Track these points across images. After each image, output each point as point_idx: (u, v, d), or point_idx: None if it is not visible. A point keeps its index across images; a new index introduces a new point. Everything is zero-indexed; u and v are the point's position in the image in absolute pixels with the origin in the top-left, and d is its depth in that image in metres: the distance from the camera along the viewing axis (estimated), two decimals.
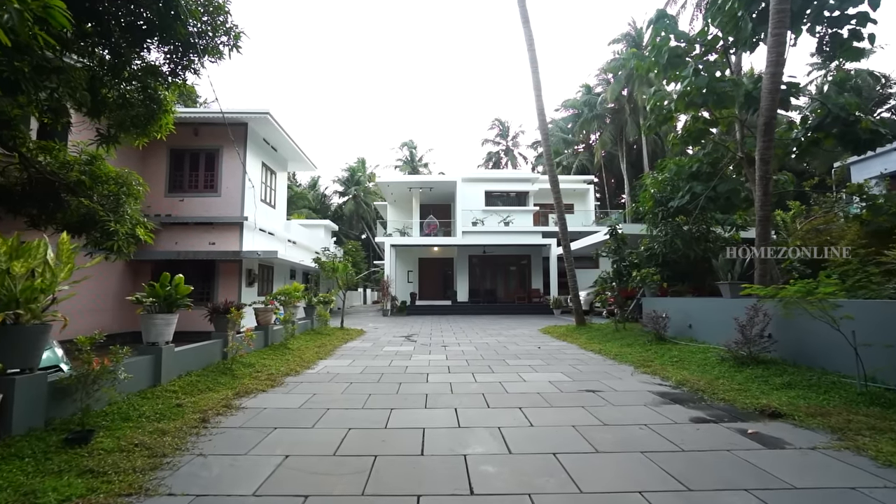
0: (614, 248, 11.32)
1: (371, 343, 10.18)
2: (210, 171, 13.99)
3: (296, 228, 19.16)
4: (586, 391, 5.25)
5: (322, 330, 11.40)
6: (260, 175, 15.28)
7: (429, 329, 13.81)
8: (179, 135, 14.18)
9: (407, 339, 10.93)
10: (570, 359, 7.74)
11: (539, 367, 6.97)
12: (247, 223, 13.82)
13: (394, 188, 26.08)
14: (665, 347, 7.93)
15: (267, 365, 6.67)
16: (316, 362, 7.40)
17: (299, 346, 8.68)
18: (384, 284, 21.53)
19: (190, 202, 13.84)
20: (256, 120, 13.83)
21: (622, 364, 7.08)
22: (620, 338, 9.85)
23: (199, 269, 13.77)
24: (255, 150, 14.83)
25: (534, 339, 10.74)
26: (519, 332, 12.86)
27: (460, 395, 5.11)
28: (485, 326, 14.58)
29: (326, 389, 5.40)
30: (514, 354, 8.32)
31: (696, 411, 4.33)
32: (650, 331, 8.82)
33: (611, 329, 11.30)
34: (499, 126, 51.63)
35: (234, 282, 13.70)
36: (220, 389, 5.10)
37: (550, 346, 9.45)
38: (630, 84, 28.72)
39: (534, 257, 25.01)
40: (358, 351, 8.89)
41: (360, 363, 7.41)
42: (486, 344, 9.96)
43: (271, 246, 15.57)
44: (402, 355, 8.27)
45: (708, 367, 6.16)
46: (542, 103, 11.91)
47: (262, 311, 8.21)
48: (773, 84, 6.94)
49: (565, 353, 8.52)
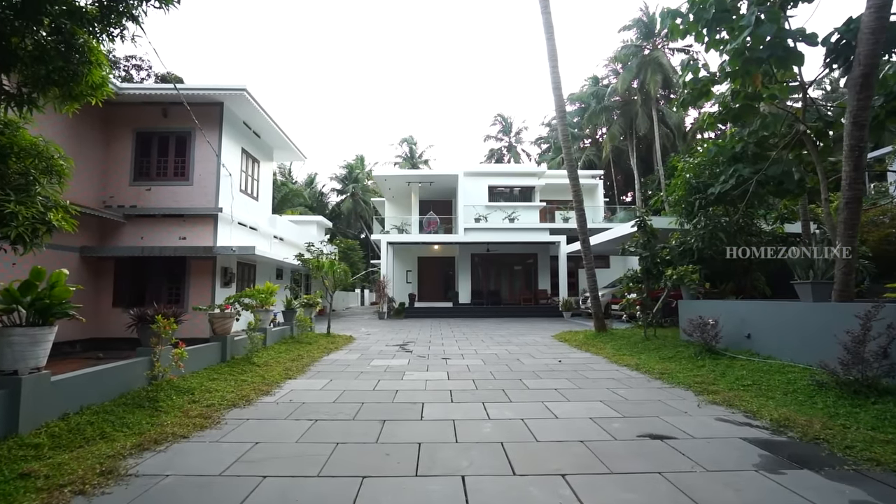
0: (644, 242, 9.73)
1: (358, 354, 8.58)
2: (181, 157, 12.41)
3: (283, 224, 17.57)
4: (648, 436, 3.66)
5: (303, 338, 9.81)
6: (239, 162, 13.71)
7: (427, 335, 12.23)
8: (147, 115, 12.70)
9: (401, 349, 9.35)
10: (603, 378, 6.14)
11: (568, 391, 5.37)
12: (222, 215, 12.23)
13: (392, 183, 24.51)
14: (722, 364, 6.33)
15: (212, 390, 5.08)
16: (282, 383, 5.81)
17: (267, 361, 7.09)
18: (380, 285, 19.95)
19: (158, 191, 12.26)
20: (233, 98, 12.26)
21: (675, 387, 5.48)
22: (655, 348, 8.25)
23: (169, 267, 12.20)
24: (234, 135, 13.26)
25: (550, 349, 9.15)
26: (530, 338, 11.27)
27: (469, 445, 3.52)
28: (490, 332, 12.99)
29: (277, 434, 3.80)
30: (531, 371, 6.72)
31: (846, 485, 2.73)
32: (695, 341, 7.22)
33: (639, 337, 9.70)
34: (501, 122, 50.10)
35: (208, 282, 12.12)
36: (118, 437, 3.50)
37: (573, 359, 7.85)
38: (642, 73, 27.14)
39: (540, 256, 23.43)
40: (340, 366, 7.29)
41: (338, 384, 5.81)
42: (494, 355, 8.37)
43: (253, 242, 14.00)
44: (394, 372, 6.68)
45: (802, 397, 4.55)
46: (559, 76, 10.35)
47: (218, 317, 6.62)
48: (878, 21, 5.36)
49: (594, 368, 6.92)
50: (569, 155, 10.87)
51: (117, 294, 11.97)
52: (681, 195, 10.42)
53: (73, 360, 9.99)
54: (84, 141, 11.60)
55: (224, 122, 12.58)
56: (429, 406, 4.70)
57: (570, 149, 10.89)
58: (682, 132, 32.40)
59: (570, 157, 10.89)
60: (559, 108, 10.55)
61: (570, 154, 10.87)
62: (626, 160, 34.37)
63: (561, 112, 10.56)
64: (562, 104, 10.51)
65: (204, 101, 12.31)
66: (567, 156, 10.91)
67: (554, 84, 10.33)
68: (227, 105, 12.60)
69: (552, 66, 10.18)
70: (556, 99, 10.50)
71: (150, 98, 12.04)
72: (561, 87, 10.34)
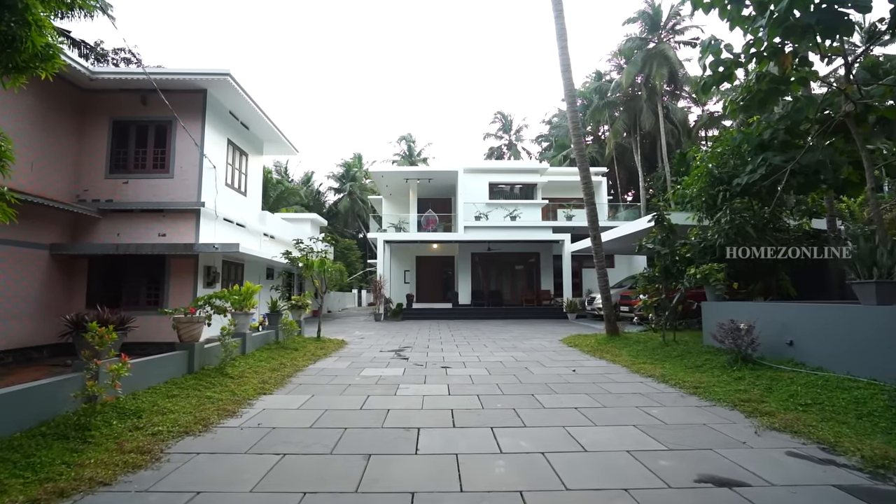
0: (662, 238, 8.89)
1: (348, 362, 7.73)
2: (161, 148, 11.54)
3: (274, 221, 16.69)
4: (710, 482, 2.81)
5: (289, 343, 8.96)
6: (225, 155, 12.85)
7: (426, 338, 11.38)
8: (124, 103, 11.82)
9: (397, 356, 8.50)
10: (628, 393, 5.30)
11: (592, 411, 4.53)
12: (204, 210, 11.37)
13: (389, 180, 23.67)
14: (764, 376, 5.49)
15: (166, 411, 4.23)
16: (254, 400, 4.95)
17: (243, 371, 6.24)
18: (376, 285, 19.09)
19: (136, 185, 11.39)
20: (216, 85, 11.39)
21: (716, 405, 4.64)
22: (678, 356, 7.42)
23: (148, 266, 11.33)
24: (219, 125, 12.40)
25: (560, 356, 8.31)
26: (536, 343, 10.43)
27: (479, 497, 2.67)
28: (493, 335, 12.15)
29: (229, 476, 2.95)
30: (543, 384, 5.88)
31: None
32: (727, 348, 6.39)
33: (656, 342, 8.87)
34: (501, 119, 49.33)
35: (189, 282, 11.26)
36: (12, 487, 2.64)
37: (588, 368, 7.00)
38: (647, 66, 26.31)
39: (543, 255, 22.60)
40: (325, 376, 6.44)
41: (320, 401, 4.96)
42: (499, 363, 7.53)
43: (240, 240, 13.14)
44: (386, 385, 5.83)
45: (885, 422, 3.71)
46: (568, 57, 9.50)
47: (183, 322, 5.76)
48: None
49: (614, 380, 6.08)
50: (579, 144, 10.03)
51: (91, 295, 11.09)
52: (700, 187, 9.59)
53: (37, 367, 9.13)
54: (55, 130, 10.73)
55: (208, 110, 11.71)
56: (426, 433, 3.85)
57: (580, 137, 10.05)
58: (688, 128, 31.62)
59: (581, 147, 10.04)
60: (568, 93, 9.71)
61: (580, 143, 10.02)
62: (629, 157, 33.57)
63: (570, 97, 9.73)
64: (571, 88, 9.67)
65: (185, 88, 11.44)
66: (577, 145, 10.06)
67: (563, 66, 9.49)
68: (210, 92, 11.74)
69: (561, 47, 9.33)
70: (566, 82, 9.66)
71: (127, 84, 11.18)
72: (570, 69, 9.50)
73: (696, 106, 34.64)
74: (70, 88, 11.09)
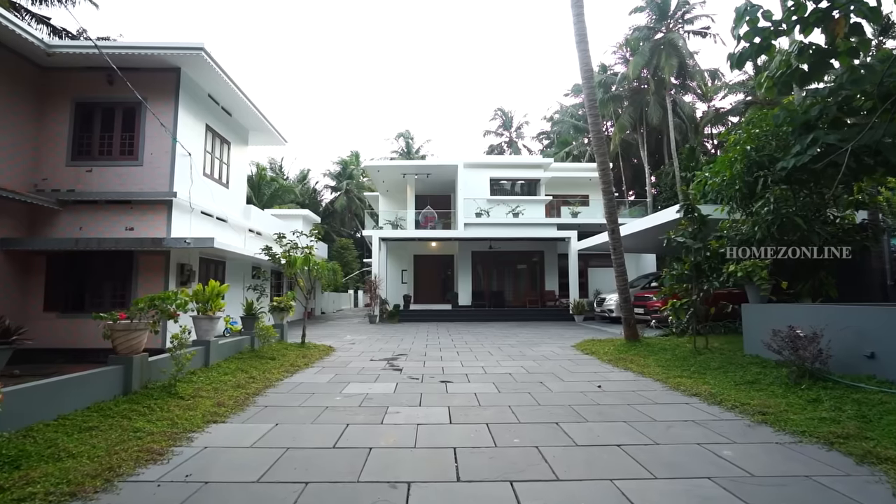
0: (693, 231, 7.77)
1: (331, 375, 6.59)
2: (129, 132, 10.39)
3: (261, 217, 15.53)
4: None
5: (266, 351, 7.81)
6: (204, 142, 11.70)
7: (423, 344, 10.26)
8: (88, 82, 10.60)
9: (389, 365, 7.37)
10: (677, 420, 4.18)
11: (640, 450, 3.40)
12: (177, 201, 10.23)
13: (386, 175, 22.56)
14: (848, 398, 4.36)
15: (64, 455, 3.09)
16: (198, 433, 3.82)
17: (199, 389, 5.10)
18: (371, 285, 17.97)
19: (101, 173, 10.24)
20: (190, 62, 10.24)
21: (802, 441, 3.51)
22: (719, 368, 6.30)
23: (114, 264, 10.17)
24: (196, 108, 11.26)
25: (578, 366, 7.18)
26: (546, 349, 9.32)
27: None
28: (497, 340, 11.03)
29: None
30: (567, 405, 4.75)
31: None
32: (787, 360, 5.27)
33: (685, 349, 7.77)
34: (501, 116, 48.26)
35: (160, 281, 10.11)
36: None
37: (615, 383, 5.88)
38: (655, 57, 25.22)
39: (547, 254, 21.48)
40: (299, 396, 5.30)
41: (283, 435, 3.83)
42: (508, 376, 6.40)
43: (222, 235, 12.00)
44: (372, 408, 4.69)
45: None
46: (585, 27, 8.36)
47: (118, 331, 4.62)
48: None
49: (652, 399, 4.96)
50: (596, 125, 8.87)
51: (50, 296, 9.95)
52: (731, 175, 8.47)
53: None
54: (10, 112, 9.59)
55: (182, 91, 10.57)
56: (419, 491, 2.72)
57: (597, 118, 8.90)
58: (695, 124, 30.58)
59: (598, 129, 8.89)
60: (585, 67, 8.57)
61: (597, 125, 8.86)
62: (634, 153, 32.49)
63: (587, 72, 8.59)
64: (588, 62, 8.53)
65: (156, 66, 10.31)
66: (594, 127, 8.91)
67: (578, 36, 8.36)
68: (185, 71, 10.59)
69: (576, 15, 8.20)
70: (581, 55, 8.53)
71: (90, 61, 10.01)
72: (587, 39, 8.36)
73: (702, 101, 33.61)
74: (26, 66, 9.95)
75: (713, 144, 34.27)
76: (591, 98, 8.93)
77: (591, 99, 8.94)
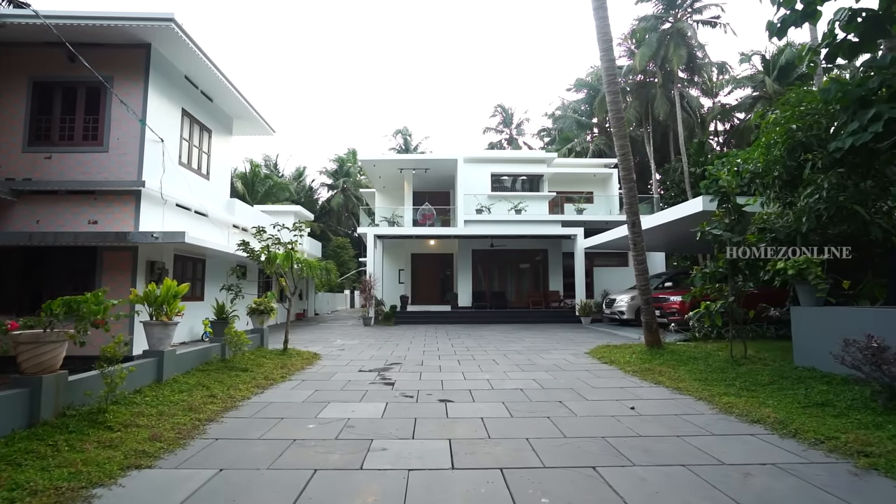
0: (731, 223, 6.75)
1: (309, 391, 5.55)
2: (93, 115, 9.36)
3: (246, 212, 14.47)
4: None
5: (238, 360, 6.77)
6: (180, 127, 10.66)
7: (420, 350, 9.24)
8: (47, 60, 9.41)
9: (380, 378, 6.35)
10: (752, 463, 3.16)
11: None
12: (147, 192, 9.19)
13: (382, 170, 21.49)
14: None
15: None
16: (107, 485, 2.78)
17: (136, 415, 4.07)
18: (365, 285, 16.94)
19: (61, 160, 9.20)
20: (160, 36, 9.18)
21: None
22: (770, 383, 5.29)
23: (77, 261, 9.15)
24: (170, 90, 10.21)
25: (599, 379, 6.16)
26: (558, 356, 8.31)
27: None
28: (501, 345, 10.01)
29: None
30: (601, 438, 3.73)
31: None
32: (870, 377, 4.26)
33: (718, 358, 6.77)
34: (501, 113, 47.21)
35: (127, 280, 9.06)
36: None
37: (650, 403, 4.85)
38: (663, 48, 24.23)
39: (551, 252, 20.49)
40: (264, 423, 4.26)
41: (222, 491, 2.80)
42: (520, 394, 5.38)
43: (200, 231, 10.96)
44: (351, 445, 3.66)
45: None
46: None
47: (24, 344, 3.60)
48: None
49: (706, 428, 3.94)
50: (615, 102, 7.79)
51: (2, 297, 8.92)
52: (765, 162, 7.46)
53: None
54: None
55: (152, 70, 9.53)
56: None
57: (616, 95, 7.80)
58: (703, 119, 29.63)
59: (617, 105, 7.79)
60: (602, 35, 7.51)
61: (616, 100, 7.78)
62: (639, 149, 31.48)
63: (605, 41, 7.51)
64: (606, 29, 7.48)
65: (123, 42, 9.27)
66: (613, 105, 7.82)
67: (596, 2, 7.35)
68: (156, 48, 9.55)
69: None
70: (599, 22, 7.48)
71: (51, 35, 8.92)
72: (605, 6, 7.34)
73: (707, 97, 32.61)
74: None
75: (718, 142, 33.31)
76: (609, 72, 7.90)
77: (611, 73, 7.90)
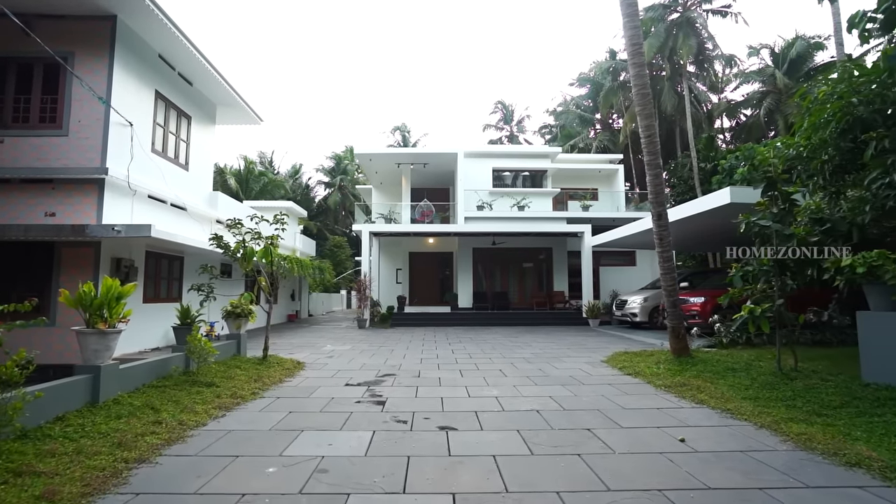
0: (779, 214, 5.80)
1: (282, 414, 4.58)
2: (51, 95, 8.36)
3: (231, 206, 13.43)
4: None
5: (204, 373, 5.79)
6: (153, 111, 9.67)
7: (417, 357, 8.27)
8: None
9: (369, 393, 5.38)
10: None
11: None
12: (112, 180, 8.22)
13: (379, 165, 20.51)
14: None
15: None
16: None
17: (41, 455, 3.08)
18: (360, 285, 15.97)
19: (15, 145, 8.21)
20: (127, 5, 8.19)
21: None
22: (843, 405, 4.34)
23: (31, 258, 8.18)
24: (140, 68, 9.23)
25: (628, 396, 5.20)
26: (572, 365, 7.35)
27: None
28: (507, 351, 9.05)
29: None
30: (656, 490, 2.76)
31: None
32: None
33: (764, 370, 5.82)
34: (502, 109, 46.26)
35: (88, 279, 8.03)
36: None
37: (701, 432, 3.89)
38: (671, 39, 23.28)
39: (556, 250, 19.55)
40: (211, 464, 3.29)
41: None
42: (537, 418, 4.41)
43: (178, 225, 9.97)
44: (318, 499, 2.70)
45: None
46: None
47: None
48: None
49: (786, 472, 2.97)
50: (641, 79, 6.76)
51: None
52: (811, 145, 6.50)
53: None
54: None
55: (119, 45, 8.54)
56: None
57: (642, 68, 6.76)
58: (709, 113, 28.73)
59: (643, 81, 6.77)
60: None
61: (642, 76, 6.77)
62: None
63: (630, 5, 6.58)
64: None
65: (85, 13, 8.29)
66: (638, 80, 6.79)
67: None
68: (122, 19, 8.56)
69: None
70: None
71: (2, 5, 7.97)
72: None
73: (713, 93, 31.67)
74: None
75: (723, 140, 32.39)
76: (634, 42, 6.91)
77: (635, 43, 6.92)
